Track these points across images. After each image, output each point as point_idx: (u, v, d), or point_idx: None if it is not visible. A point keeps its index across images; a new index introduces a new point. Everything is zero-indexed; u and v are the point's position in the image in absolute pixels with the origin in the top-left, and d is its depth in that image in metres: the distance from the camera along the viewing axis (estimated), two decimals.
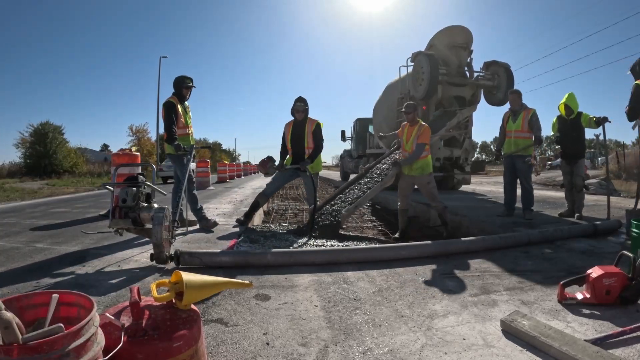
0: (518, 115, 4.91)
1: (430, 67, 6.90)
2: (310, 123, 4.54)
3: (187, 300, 1.24)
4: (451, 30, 7.54)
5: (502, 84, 7.46)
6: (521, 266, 2.90)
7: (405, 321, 1.92)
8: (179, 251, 2.76)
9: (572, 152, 4.90)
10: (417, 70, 7.54)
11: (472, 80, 7.69)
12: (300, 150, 4.56)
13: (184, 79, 4.28)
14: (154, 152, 25.67)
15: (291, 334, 1.77)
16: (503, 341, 1.69)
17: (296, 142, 4.57)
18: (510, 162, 5.01)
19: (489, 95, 7.90)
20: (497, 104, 7.86)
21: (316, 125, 4.54)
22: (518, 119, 4.90)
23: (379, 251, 3.16)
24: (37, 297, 1.11)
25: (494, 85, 7.60)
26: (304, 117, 4.55)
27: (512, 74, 7.43)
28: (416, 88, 7.48)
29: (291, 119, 4.67)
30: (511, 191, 5.10)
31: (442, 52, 7.54)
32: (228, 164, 18.35)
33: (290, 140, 4.61)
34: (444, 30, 7.59)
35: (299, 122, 4.56)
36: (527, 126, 4.84)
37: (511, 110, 5.04)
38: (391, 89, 9.78)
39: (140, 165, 4.62)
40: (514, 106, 4.99)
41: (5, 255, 3.14)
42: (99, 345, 0.99)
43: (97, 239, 3.71)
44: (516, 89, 5.04)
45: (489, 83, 7.60)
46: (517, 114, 4.94)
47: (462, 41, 7.49)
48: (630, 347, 1.62)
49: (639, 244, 2.74)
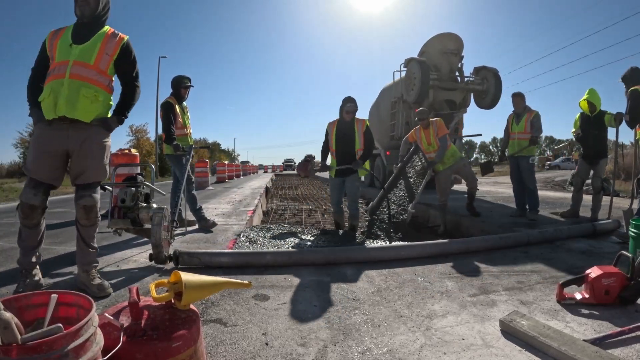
0: (521, 118, 4.98)
1: (421, 73, 7.27)
2: (360, 123, 4.28)
3: (186, 300, 1.24)
4: (443, 37, 7.87)
5: (490, 88, 7.80)
6: (520, 266, 2.90)
7: (404, 321, 1.92)
8: (178, 251, 2.75)
9: (594, 152, 4.67)
10: (409, 75, 7.93)
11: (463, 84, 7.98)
12: (349, 151, 4.27)
13: (182, 78, 4.27)
14: (153, 152, 25.64)
15: (290, 334, 1.77)
16: (502, 341, 1.70)
17: (343, 143, 4.28)
18: (514, 163, 5.10)
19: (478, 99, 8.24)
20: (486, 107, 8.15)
21: (367, 126, 4.34)
22: (521, 121, 4.98)
23: (378, 251, 3.16)
24: (36, 297, 1.11)
25: (483, 90, 7.94)
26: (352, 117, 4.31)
27: (500, 79, 7.76)
28: (409, 92, 7.88)
29: (335, 119, 4.43)
30: (520, 192, 5.17)
31: (434, 58, 7.87)
32: (227, 163, 18.37)
33: (335, 140, 4.32)
34: (436, 37, 7.91)
35: (346, 122, 4.29)
36: (530, 128, 4.89)
37: (515, 113, 5.10)
38: (386, 93, 10.17)
39: (139, 165, 4.62)
40: (517, 108, 5.06)
41: (4, 255, 3.14)
42: (98, 346, 0.99)
43: (96, 239, 3.70)
44: (519, 92, 5.08)
45: (479, 87, 7.93)
46: (520, 116, 5.01)
47: (454, 47, 7.80)
48: (629, 347, 1.63)
49: (638, 244, 2.74)
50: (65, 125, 2.14)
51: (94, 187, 2.28)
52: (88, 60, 2.17)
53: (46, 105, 2.13)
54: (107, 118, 2.30)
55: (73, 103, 2.11)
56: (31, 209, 2.13)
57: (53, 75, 2.15)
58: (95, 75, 2.20)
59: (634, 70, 4.09)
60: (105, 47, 2.23)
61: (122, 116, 2.38)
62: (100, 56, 2.21)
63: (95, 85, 2.20)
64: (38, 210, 2.16)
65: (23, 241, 2.19)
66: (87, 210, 2.23)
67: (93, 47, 2.20)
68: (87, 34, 2.21)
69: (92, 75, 2.18)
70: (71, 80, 2.12)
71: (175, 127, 4.07)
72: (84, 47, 2.17)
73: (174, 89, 4.25)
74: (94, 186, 2.28)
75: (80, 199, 2.22)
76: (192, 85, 4.36)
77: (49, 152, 2.14)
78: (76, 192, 2.26)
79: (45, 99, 2.13)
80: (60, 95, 2.10)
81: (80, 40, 2.18)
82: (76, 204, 2.24)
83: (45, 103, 2.13)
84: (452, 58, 7.80)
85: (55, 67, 2.15)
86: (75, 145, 2.17)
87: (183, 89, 4.27)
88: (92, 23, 2.23)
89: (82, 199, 2.22)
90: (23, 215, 2.14)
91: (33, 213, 2.14)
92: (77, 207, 2.23)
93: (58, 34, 2.21)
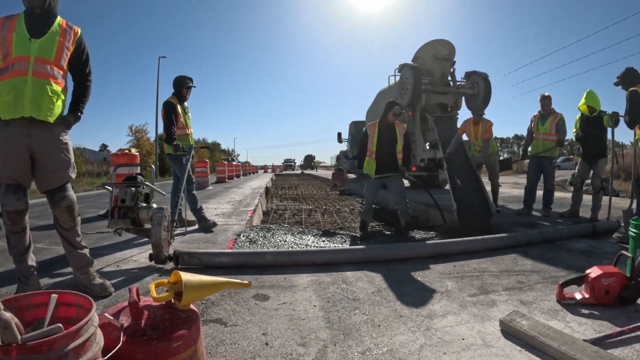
0: (547, 119, 5.15)
1: (414, 78, 7.54)
2: (401, 127, 4.31)
3: (186, 300, 1.24)
4: (436, 44, 8.15)
5: (480, 92, 8.07)
6: (520, 266, 2.90)
7: (404, 321, 1.92)
8: (178, 251, 2.75)
9: (593, 152, 4.73)
10: (403, 80, 8.21)
11: (454, 88, 8.25)
12: (390, 154, 4.26)
13: (184, 79, 4.27)
14: (153, 152, 25.64)
15: (290, 334, 1.77)
16: (502, 341, 1.70)
17: (384, 146, 4.27)
18: (537, 162, 5.28)
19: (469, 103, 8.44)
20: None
21: (406, 129, 4.35)
22: (546, 122, 5.14)
23: (378, 251, 3.16)
24: (36, 297, 1.11)
25: (473, 94, 8.18)
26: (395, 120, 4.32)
27: (490, 83, 8.04)
28: (402, 96, 8.11)
29: (374, 121, 4.40)
30: (532, 191, 5.36)
31: (427, 63, 8.15)
32: (227, 163, 18.38)
33: (376, 142, 4.29)
34: (429, 44, 8.19)
35: (388, 125, 4.28)
36: (554, 129, 5.08)
37: (540, 113, 5.28)
38: (382, 96, 10.49)
39: (139, 165, 4.62)
40: (544, 110, 5.23)
41: (4, 255, 3.13)
42: (98, 346, 0.99)
43: (96, 239, 3.70)
44: (547, 94, 5.25)
45: (469, 91, 8.19)
46: (545, 117, 5.18)
47: (446, 53, 8.07)
48: (629, 347, 1.63)
49: (638, 244, 2.74)
50: (24, 123, 2.01)
51: (68, 186, 2.21)
52: (48, 57, 2.06)
53: (5, 104, 1.98)
54: (67, 116, 2.21)
55: (38, 103, 2.01)
56: (18, 214, 2.07)
57: (12, 72, 1.99)
58: (56, 73, 2.10)
59: (629, 71, 4.08)
60: (64, 40, 2.11)
61: (78, 113, 2.29)
62: (60, 52, 2.10)
63: (56, 83, 2.10)
64: (24, 213, 2.10)
65: (14, 248, 2.12)
66: (69, 211, 2.17)
67: (52, 41, 2.07)
68: (42, 27, 2.06)
69: (54, 73, 2.08)
70: (35, 79, 2.00)
71: (176, 127, 4.08)
72: (42, 41, 2.04)
73: (176, 89, 4.25)
74: (67, 185, 2.21)
75: (61, 202, 2.14)
76: (194, 86, 4.36)
77: (13, 153, 2.02)
78: (52, 198, 2.16)
79: (4, 97, 1.97)
80: (23, 95, 1.98)
81: (37, 34, 2.03)
82: (57, 208, 2.15)
83: (4, 102, 1.98)
84: (444, 63, 8.11)
85: (14, 62, 1.99)
86: (40, 145, 2.07)
87: (185, 89, 4.27)
88: (44, 15, 2.08)
89: (62, 201, 2.14)
90: (10, 222, 2.06)
91: (20, 217, 2.08)
92: (59, 211, 2.15)
93: (10, 25, 2.03)
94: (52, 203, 2.16)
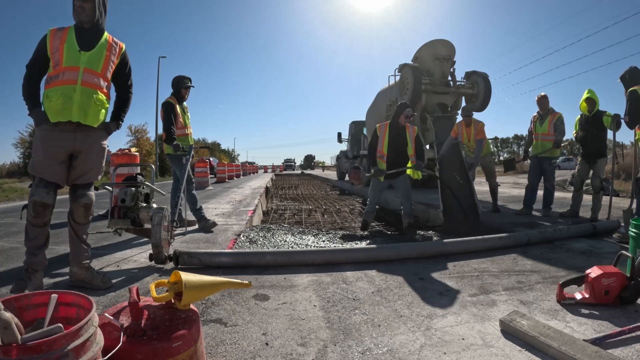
0: (545, 119, 5.13)
1: (414, 78, 7.57)
2: (412, 129, 4.30)
3: (186, 300, 1.24)
4: (435, 44, 8.15)
5: (480, 92, 8.07)
6: (520, 266, 2.90)
7: (404, 321, 1.92)
8: (178, 251, 2.75)
9: (593, 151, 4.71)
10: (403, 80, 8.24)
11: (454, 88, 8.23)
12: (401, 155, 4.27)
13: (182, 79, 4.28)
14: (153, 152, 25.63)
15: (290, 334, 1.77)
16: (502, 341, 1.70)
17: (395, 147, 4.28)
18: (537, 162, 5.27)
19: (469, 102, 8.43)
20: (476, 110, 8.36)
21: (417, 132, 4.34)
22: (545, 122, 5.12)
23: (378, 251, 3.16)
24: (36, 297, 1.11)
25: (473, 94, 8.18)
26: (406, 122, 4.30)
27: (490, 83, 8.02)
28: (402, 96, 8.12)
29: (385, 122, 4.42)
30: (532, 191, 5.36)
31: (427, 63, 8.15)
32: (227, 163, 18.40)
33: (387, 144, 4.30)
34: (429, 44, 8.19)
35: (399, 127, 4.28)
36: (552, 129, 5.05)
37: (539, 113, 5.26)
38: (382, 96, 10.52)
39: (139, 165, 4.62)
40: (542, 110, 5.20)
41: (4, 255, 3.13)
42: (98, 346, 0.99)
43: (96, 239, 3.70)
44: (543, 94, 5.22)
45: (469, 91, 8.18)
46: (544, 117, 5.16)
47: (446, 54, 8.07)
48: (629, 347, 1.63)
49: (638, 244, 2.74)
50: (71, 127, 2.22)
51: (91, 187, 2.38)
52: (96, 68, 2.26)
53: (54, 108, 2.16)
54: (109, 123, 2.44)
55: (85, 110, 2.21)
56: (44, 207, 2.18)
57: (62, 80, 2.18)
58: (102, 84, 2.31)
59: (633, 70, 4.09)
60: (110, 55, 2.33)
61: (119, 121, 2.52)
62: (106, 64, 2.31)
63: (102, 92, 2.30)
64: (50, 209, 2.21)
65: (31, 240, 2.21)
66: (87, 208, 2.32)
67: (99, 54, 2.28)
68: (91, 41, 2.27)
69: (100, 83, 2.29)
70: (83, 88, 2.20)
71: (176, 127, 4.08)
72: (91, 54, 2.25)
73: (175, 89, 4.26)
74: (91, 185, 2.37)
75: (82, 198, 2.30)
76: (193, 86, 4.37)
77: (56, 153, 2.20)
78: (74, 192, 2.31)
79: (54, 102, 2.16)
80: (73, 102, 2.17)
81: (86, 47, 2.24)
82: (76, 202, 2.30)
83: (53, 106, 2.16)
84: (444, 63, 8.11)
85: (65, 72, 2.19)
86: (82, 146, 2.26)
87: (184, 89, 4.27)
88: (92, 29, 2.28)
89: (83, 198, 2.30)
90: (35, 214, 2.17)
91: (45, 211, 2.19)
92: (77, 206, 2.30)
93: (61, 37, 2.21)
94: (74, 197, 2.31)
